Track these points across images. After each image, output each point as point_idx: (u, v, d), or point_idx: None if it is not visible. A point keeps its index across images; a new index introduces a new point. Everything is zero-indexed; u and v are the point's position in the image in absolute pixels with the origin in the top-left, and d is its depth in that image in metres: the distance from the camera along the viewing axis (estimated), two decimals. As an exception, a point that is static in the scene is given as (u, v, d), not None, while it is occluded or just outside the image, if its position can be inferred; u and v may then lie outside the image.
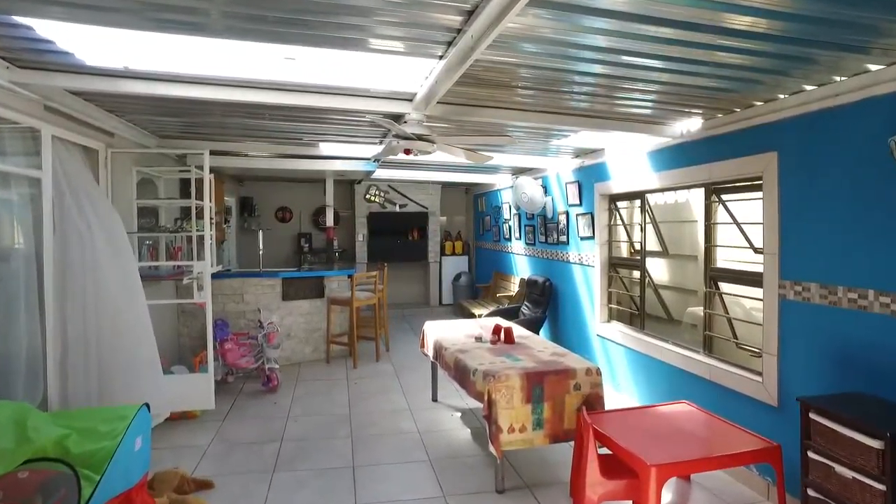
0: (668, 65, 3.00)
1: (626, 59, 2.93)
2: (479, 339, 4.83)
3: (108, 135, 4.99)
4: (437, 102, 3.94)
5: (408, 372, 6.64)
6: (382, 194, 10.62)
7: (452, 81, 3.15)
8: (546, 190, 7.25)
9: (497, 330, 4.83)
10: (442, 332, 5.28)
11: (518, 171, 8.25)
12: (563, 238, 6.74)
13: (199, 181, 6.90)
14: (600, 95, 3.70)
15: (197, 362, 5.34)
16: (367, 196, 10.56)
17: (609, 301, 5.84)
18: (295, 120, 4.85)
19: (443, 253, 11.08)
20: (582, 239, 6.25)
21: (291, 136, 5.66)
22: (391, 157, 6.38)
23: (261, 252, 7.44)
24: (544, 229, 7.33)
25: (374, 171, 7.57)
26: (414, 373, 6.56)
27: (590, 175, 6.07)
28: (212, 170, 7.94)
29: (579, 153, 6.18)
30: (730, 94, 3.53)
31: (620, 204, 5.79)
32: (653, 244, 5.38)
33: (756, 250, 3.97)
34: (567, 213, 6.64)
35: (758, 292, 3.80)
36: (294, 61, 3.13)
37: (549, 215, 7.14)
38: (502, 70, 3.19)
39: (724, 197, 4.22)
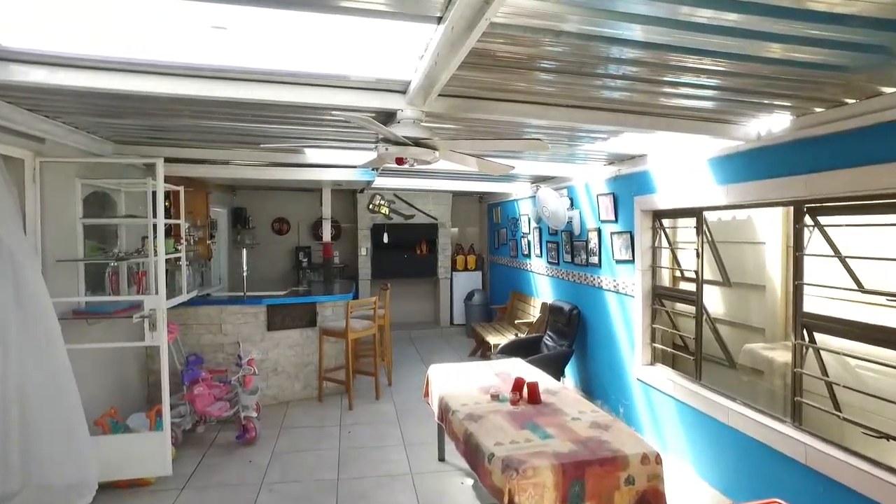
0: (746, 20, 1.96)
1: (685, 16, 1.92)
2: (495, 396, 3.80)
3: (37, 140, 4.05)
4: (439, 96, 2.95)
5: (411, 416, 5.62)
6: (387, 204, 9.63)
7: (457, 59, 2.15)
8: (572, 203, 6.21)
9: (518, 385, 3.80)
10: (449, 382, 4.26)
11: (538, 180, 7.22)
12: (594, 259, 5.69)
13: (172, 194, 5.99)
14: (643, 80, 2.68)
15: (153, 417, 4.37)
16: (371, 206, 9.57)
17: (653, 339, 4.78)
18: (274, 122, 3.88)
19: (454, 268, 10.06)
20: (618, 262, 5.20)
21: (273, 141, 4.69)
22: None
23: (244, 274, 6.47)
24: (570, 248, 6.29)
25: (373, 181, 6.57)
26: (418, 418, 5.54)
27: (628, 186, 5.02)
28: (194, 179, 7.05)
29: (614, 159, 5.14)
30: (846, 76, 2.49)
31: (667, 222, 4.74)
32: (706, 270, 4.32)
33: (866, 291, 2.91)
34: (599, 231, 5.59)
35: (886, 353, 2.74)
36: (225, 31, 2.15)
37: (577, 232, 6.09)
38: (522, 41, 2.19)
39: (822, 220, 3.15)
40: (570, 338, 5.86)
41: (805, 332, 3.20)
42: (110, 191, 5.12)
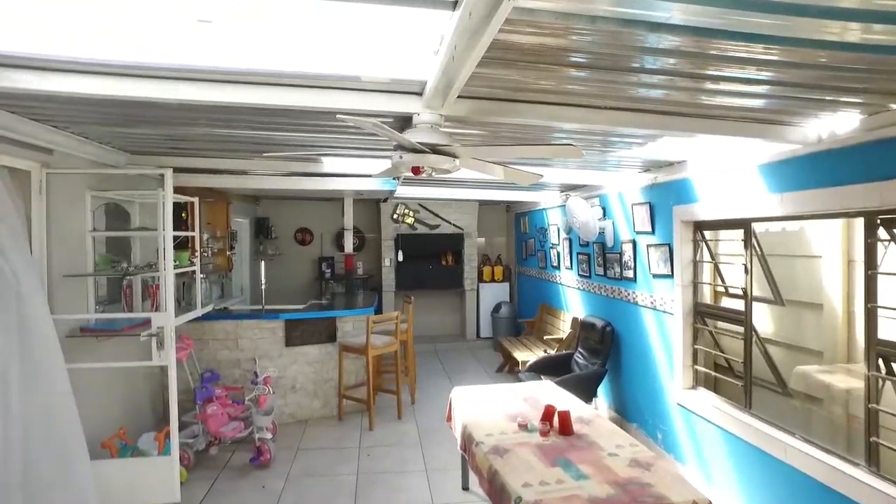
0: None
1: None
2: (523, 425, 3.47)
3: (44, 152, 3.89)
4: (459, 97, 2.67)
5: (434, 438, 5.31)
6: (412, 214, 9.38)
7: (477, 52, 1.86)
8: (605, 212, 5.85)
9: (549, 414, 3.46)
10: (473, 408, 3.94)
11: (568, 188, 6.87)
12: (629, 273, 5.32)
13: (188, 205, 5.84)
14: (684, 75, 2.35)
15: (161, 440, 4.16)
16: (395, 216, 9.33)
17: (695, 361, 4.39)
18: (289, 129, 3.65)
19: (481, 279, 9.73)
20: (655, 277, 4.82)
21: (290, 149, 4.48)
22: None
23: (263, 287, 6.26)
24: (602, 260, 5.92)
25: (395, 190, 6.31)
26: (442, 440, 5.22)
27: (665, 195, 4.65)
28: (214, 190, 6.89)
29: (650, 166, 4.77)
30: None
31: (709, 234, 4.35)
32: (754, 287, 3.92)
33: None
34: (634, 243, 5.22)
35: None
36: (211, 24, 1.90)
37: (610, 244, 5.73)
38: (550, 29, 1.89)
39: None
40: (602, 356, 5.48)
41: (881, 361, 2.79)
42: (124, 202, 4.96)
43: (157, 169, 4.23)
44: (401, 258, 9.22)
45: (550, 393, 4.27)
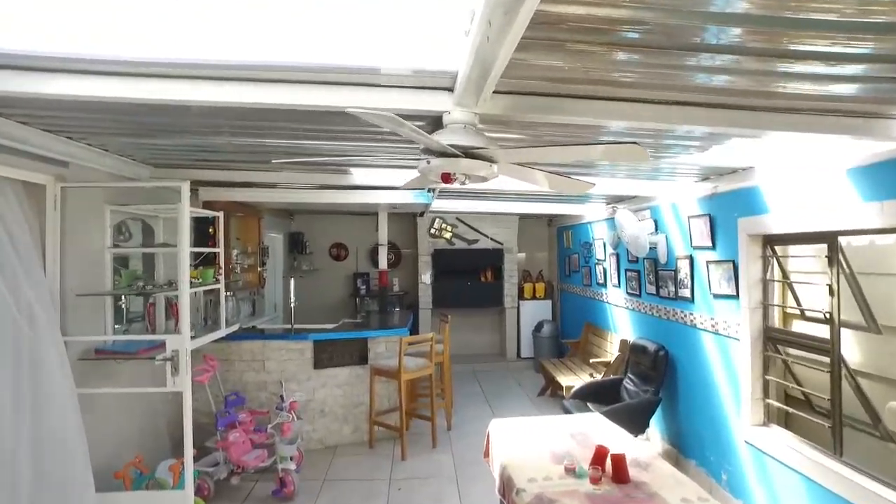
0: None
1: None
2: (570, 469, 3.02)
3: (59, 165, 3.69)
4: (495, 92, 2.30)
5: (471, 471, 4.88)
6: (449, 228, 9.02)
7: (515, 30, 1.49)
8: (657, 226, 5.36)
9: (600, 457, 3.00)
10: (513, 445, 3.51)
11: (615, 200, 6.39)
12: (685, 293, 4.80)
13: (216, 220, 5.62)
14: (754, 53, 1.91)
15: (176, 471, 3.87)
16: (432, 230, 9.00)
17: (766, 394, 3.85)
18: (314, 137, 3.35)
19: (521, 297, 9.27)
20: (717, 297, 4.30)
21: (317, 159, 4.20)
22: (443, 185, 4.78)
23: (293, 305, 5.98)
24: (654, 278, 5.41)
25: (430, 203, 5.96)
26: (479, 473, 4.78)
27: (729, 206, 4.15)
28: (245, 204, 6.68)
29: (710, 174, 4.28)
30: None
31: (779, 248, 3.83)
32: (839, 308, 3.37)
33: None
34: (691, 259, 4.71)
35: None
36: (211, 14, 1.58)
37: (662, 260, 5.22)
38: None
39: None
40: (655, 383, 4.96)
41: None
42: (148, 217, 4.75)
43: (175, 182, 3.96)
44: (427, 280, 8.87)
45: (600, 427, 3.80)
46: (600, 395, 5.37)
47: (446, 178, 2.34)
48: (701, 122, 2.52)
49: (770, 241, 3.81)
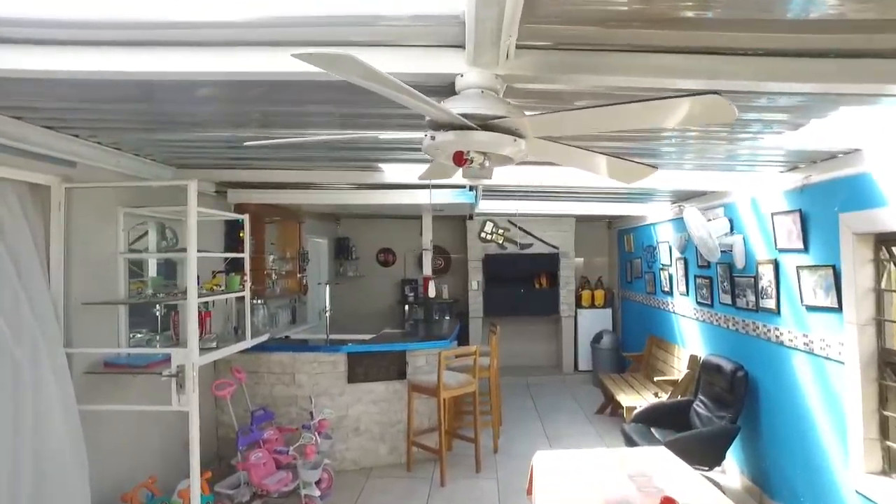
0: None
1: None
2: (626, 526, 2.40)
3: (66, 165, 3.39)
4: (519, 47, 1.74)
5: (517, 502, 4.28)
6: (501, 231, 8.44)
7: None
8: (732, 225, 4.60)
9: (665, 514, 2.36)
10: (561, 485, 2.91)
11: (681, 198, 5.64)
12: (769, 303, 4.03)
13: (252, 224, 5.29)
14: None
15: (186, 498, 3.48)
16: (482, 234, 8.43)
17: (884, 433, 3.06)
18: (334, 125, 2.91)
19: (579, 305, 8.54)
20: (810, 309, 3.53)
21: (337, 151, 3.77)
22: (484, 181, 4.22)
23: (327, 314, 5.57)
24: (730, 285, 4.64)
25: (473, 203, 5.40)
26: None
27: (826, 199, 3.38)
28: (283, 208, 6.34)
29: (800, 161, 3.52)
30: None
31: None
32: None
33: None
34: (775, 264, 3.93)
35: None
36: None
37: (739, 265, 4.45)
38: None
39: None
40: (733, 409, 4.20)
41: None
42: (171, 221, 4.44)
43: (180, 181, 3.60)
44: (476, 286, 8.31)
45: (666, 467, 3.13)
46: (666, 420, 4.65)
47: (459, 158, 1.79)
48: (795, 79, 1.85)
49: (885, 241, 3.03)
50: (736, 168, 3.89)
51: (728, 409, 4.23)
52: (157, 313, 4.17)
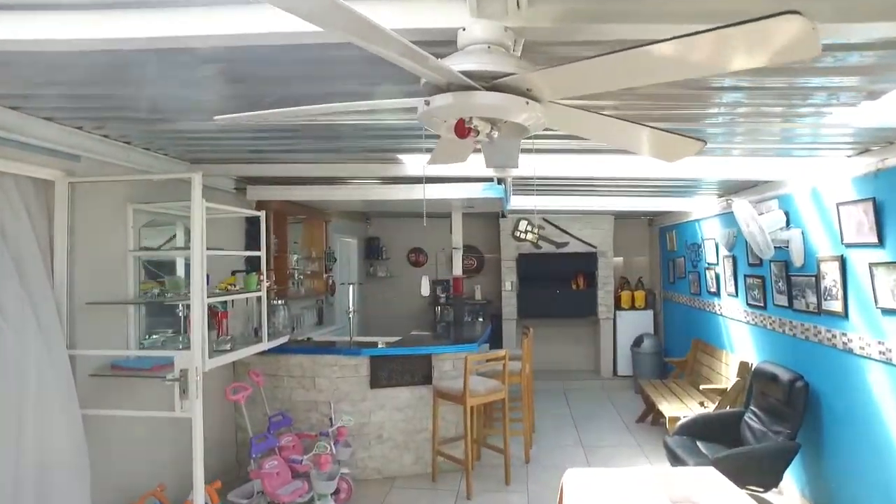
0: None
1: None
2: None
3: (70, 158, 3.22)
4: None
5: (548, 521, 3.93)
6: (535, 230, 8.05)
7: None
8: (788, 218, 4.12)
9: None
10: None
11: (728, 191, 5.16)
12: (834, 306, 3.55)
13: (272, 221, 5.09)
14: None
15: (191, 510, 3.26)
16: (516, 233, 8.07)
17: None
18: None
19: (618, 307, 8.06)
20: (887, 313, 3.05)
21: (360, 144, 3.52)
22: (511, 171, 3.88)
23: (350, 315, 5.31)
24: (786, 285, 4.16)
25: (503, 198, 5.05)
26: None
27: (904, 185, 2.92)
28: (308, 206, 6.13)
29: (872, 142, 3.05)
30: None
31: None
32: None
33: None
34: (842, 261, 3.45)
35: None
36: None
37: (797, 262, 3.97)
38: None
39: None
40: (791, 423, 3.73)
41: None
42: (184, 218, 4.25)
43: (183, 174, 3.39)
44: (510, 287, 7.94)
45: (713, 490, 2.72)
46: (714, 433, 4.20)
47: (461, 128, 1.47)
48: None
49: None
50: (793, 153, 3.44)
51: (785, 424, 3.76)
52: (181, 314, 3.99)
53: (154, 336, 3.92)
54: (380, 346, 4.91)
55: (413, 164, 3.90)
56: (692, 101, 2.37)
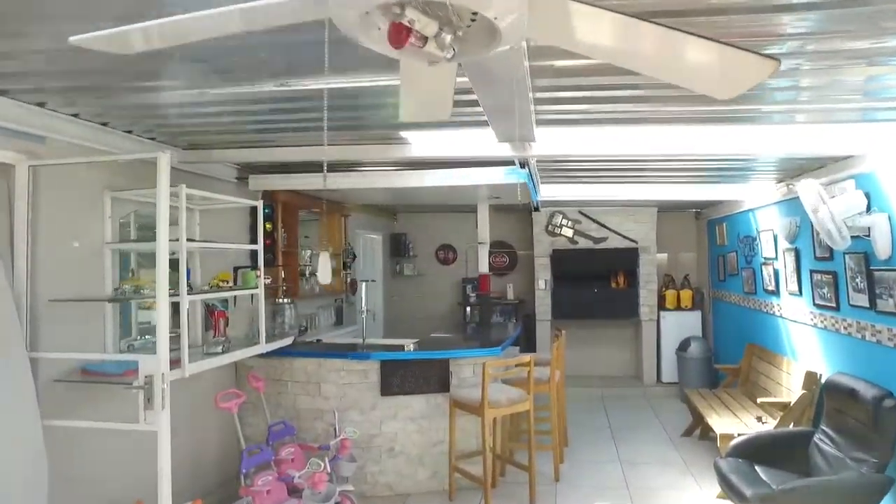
0: None
1: None
2: None
3: (33, 140, 2.85)
4: None
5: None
6: (571, 224, 7.40)
7: None
8: (869, 201, 3.39)
9: None
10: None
11: (789, 172, 4.42)
12: (932, 306, 2.83)
13: (279, 212, 4.67)
14: None
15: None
16: (550, 227, 7.44)
17: None
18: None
19: (662, 307, 7.31)
20: None
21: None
22: (530, 150, 3.28)
23: (363, 315, 4.82)
24: (866, 281, 3.43)
25: (527, 183, 4.43)
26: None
27: None
28: (315, 198, 5.65)
29: None
30: None
31: None
32: None
33: None
34: (944, 250, 2.74)
35: None
36: None
37: (882, 255, 3.24)
38: None
39: None
40: (878, 451, 3.01)
41: None
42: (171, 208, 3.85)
43: (147, 154, 2.95)
44: (543, 286, 7.31)
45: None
46: (776, 456, 3.51)
47: (397, 32, 0.93)
48: None
49: None
50: (878, 116, 2.75)
51: (870, 451, 3.04)
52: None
53: (147, 337, 3.54)
54: (392, 349, 4.42)
55: (420, 143, 3.38)
56: (745, 25, 1.74)
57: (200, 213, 3.98)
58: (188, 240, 3.76)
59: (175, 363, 3.04)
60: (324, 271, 2.37)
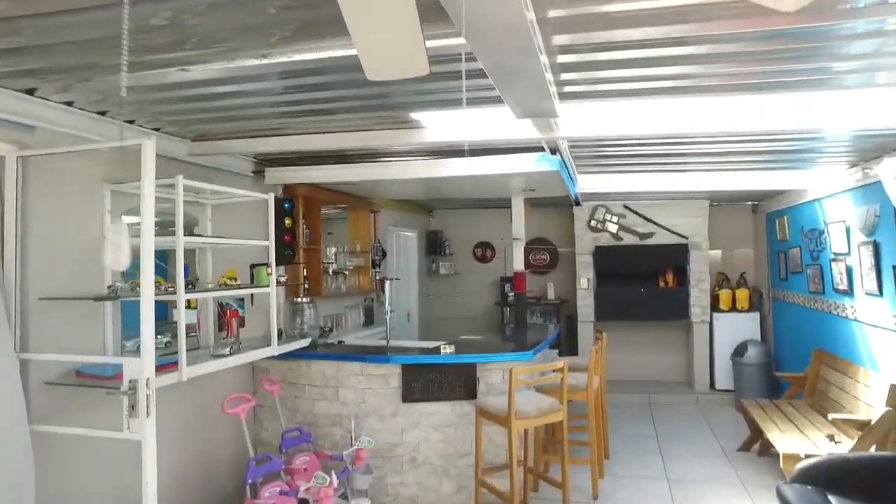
0: None
1: None
2: None
3: (22, 129, 2.67)
4: None
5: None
6: (615, 219, 6.87)
7: None
8: (970, 183, 2.81)
9: None
10: None
11: (866, 154, 3.80)
12: None
13: (300, 207, 4.42)
14: None
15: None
16: (592, 223, 6.93)
17: None
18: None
19: (716, 308, 6.68)
20: None
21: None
22: (551, 124, 2.86)
23: (387, 315, 4.48)
24: (965, 279, 2.85)
25: (560, 172, 3.99)
26: None
27: None
28: (351, 195, 5.38)
29: None
30: None
31: None
32: None
33: None
34: None
35: None
36: None
37: None
38: None
39: None
40: (984, 483, 2.45)
41: None
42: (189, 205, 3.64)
43: (131, 141, 2.68)
44: (585, 285, 6.80)
45: None
46: (855, 485, 2.95)
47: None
48: None
49: None
50: None
51: (973, 483, 2.48)
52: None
53: (158, 337, 3.33)
54: (424, 352, 4.09)
55: (434, 125, 3.02)
56: None
57: (214, 208, 3.77)
58: (195, 235, 3.58)
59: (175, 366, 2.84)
60: (116, 252, 2.00)
